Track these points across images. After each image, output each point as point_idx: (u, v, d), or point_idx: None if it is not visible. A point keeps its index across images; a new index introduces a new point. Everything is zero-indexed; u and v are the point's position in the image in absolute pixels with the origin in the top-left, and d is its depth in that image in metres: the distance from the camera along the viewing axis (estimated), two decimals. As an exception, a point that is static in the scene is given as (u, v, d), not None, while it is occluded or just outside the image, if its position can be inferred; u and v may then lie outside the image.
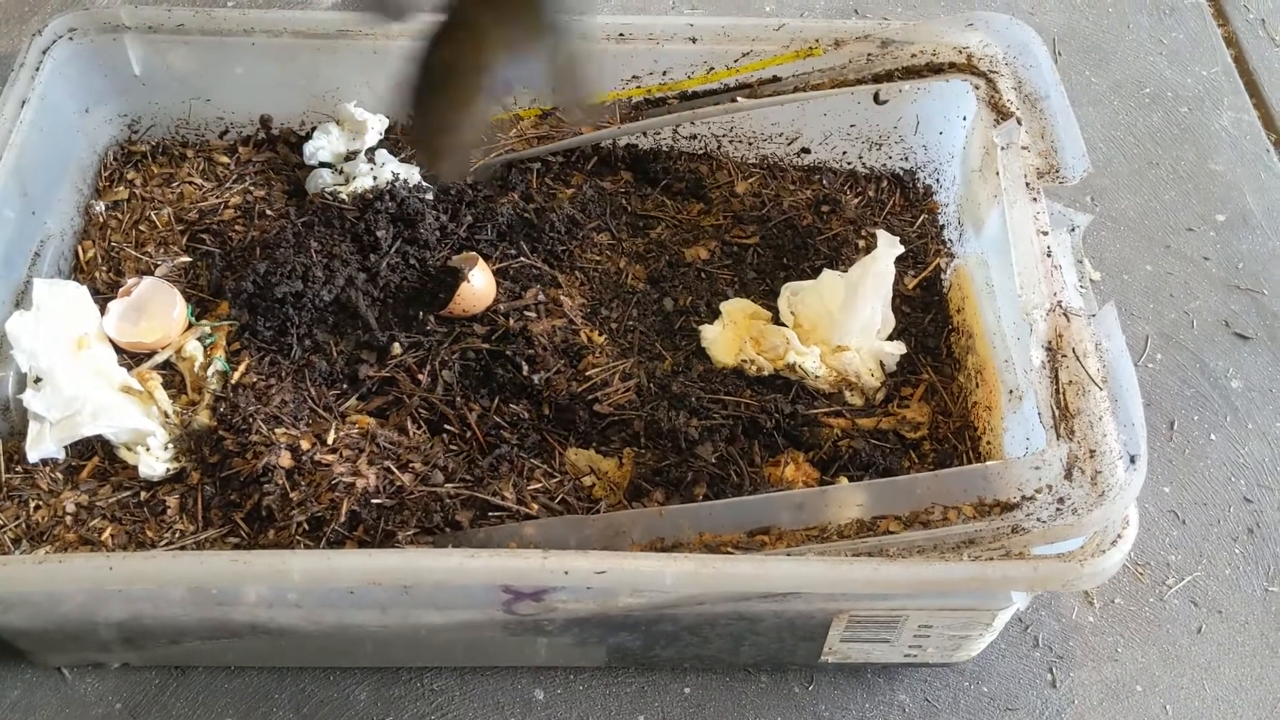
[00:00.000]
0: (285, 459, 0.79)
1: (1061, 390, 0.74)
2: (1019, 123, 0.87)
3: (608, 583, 0.67)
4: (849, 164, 1.03)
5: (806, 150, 1.03)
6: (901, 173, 1.03)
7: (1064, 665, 0.85)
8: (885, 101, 0.99)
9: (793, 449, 0.85)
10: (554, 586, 0.70)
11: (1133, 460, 0.69)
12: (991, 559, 0.68)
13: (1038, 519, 0.69)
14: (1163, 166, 1.17)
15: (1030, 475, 0.71)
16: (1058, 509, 0.69)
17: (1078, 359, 0.74)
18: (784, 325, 0.90)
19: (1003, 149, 0.85)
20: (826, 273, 0.91)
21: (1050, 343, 0.76)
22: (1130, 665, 0.85)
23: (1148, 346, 1.03)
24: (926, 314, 0.94)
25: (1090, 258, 0.85)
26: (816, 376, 0.87)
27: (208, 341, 0.88)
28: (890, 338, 0.90)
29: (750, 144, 1.02)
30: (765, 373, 0.88)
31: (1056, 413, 0.73)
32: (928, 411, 0.88)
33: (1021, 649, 0.86)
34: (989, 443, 0.84)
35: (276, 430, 0.81)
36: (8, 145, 0.86)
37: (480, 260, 0.90)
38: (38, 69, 0.91)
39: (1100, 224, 1.11)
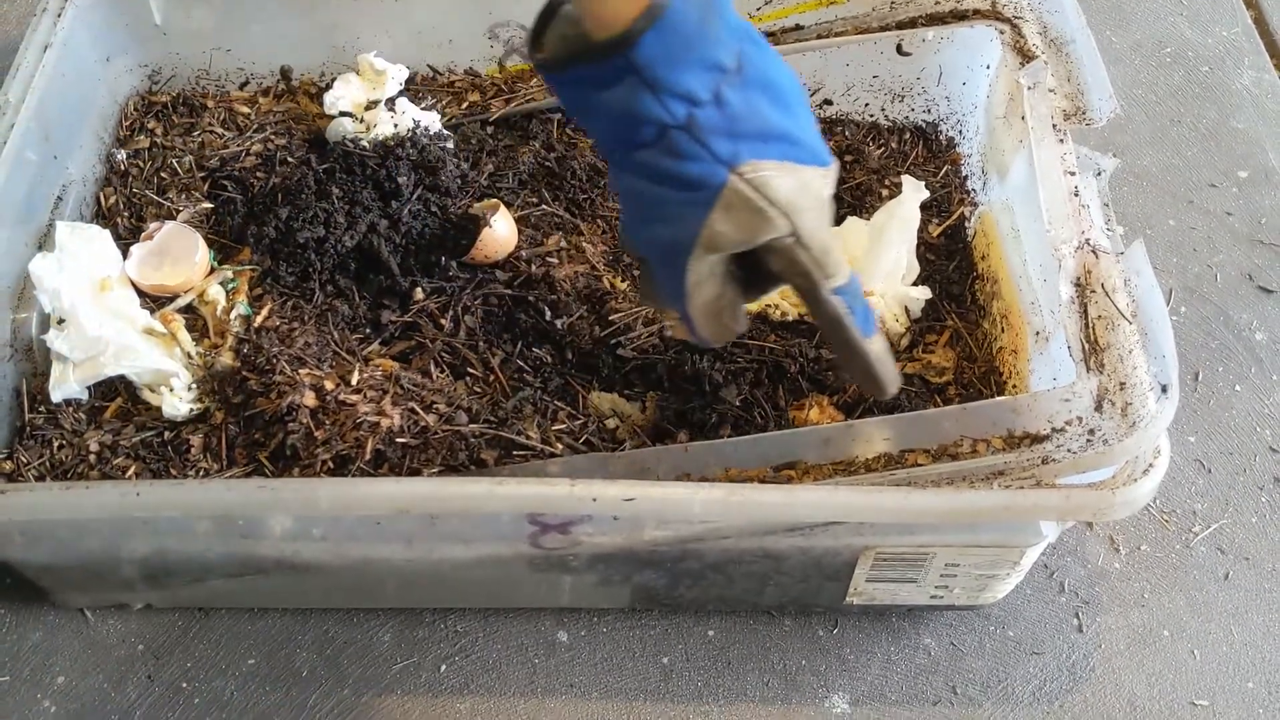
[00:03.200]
0: (309, 398, 0.79)
1: (1091, 325, 0.73)
2: (1045, 64, 0.86)
3: (635, 510, 0.66)
4: (871, 116, 1.03)
5: (829, 102, 1.02)
6: (924, 125, 1.02)
7: (1090, 611, 0.85)
8: (909, 54, 0.99)
9: (816, 393, 0.84)
10: (582, 515, 0.69)
11: (1164, 390, 0.68)
12: (1022, 488, 0.67)
13: (1068, 450, 0.68)
14: (1184, 124, 1.16)
15: (1060, 407, 0.70)
16: (1088, 440, 0.68)
17: (1107, 294, 0.74)
18: (807, 271, 0.90)
19: (1029, 89, 0.85)
20: (850, 219, 0.90)
21: (1079, 279, 0.75)
22: (1157, 611, 0.85)
23: (1171, 299, 1.02)
24: (951, 261, 0.93)
25: (1113, 212, 0.85)
26: (841, 321, 0.87)
27: (230, 286, 0.88)
28: (914, 285, 0.90)
29: (772, 95, 1.02)
30: (789, 317, 0.88)
31: (1086, 347, 0.72)
32: (953, 357, 0.87)
33: (1047, 594, 0.85)
34: (1015, 387, 0.84)
35: (300, 370, 0.81)
36: (30, 88, 0.86)
37: (502, 206, 0.90)
38: (59, 15, 0.91)
39: (1123, 180, 1.10)
